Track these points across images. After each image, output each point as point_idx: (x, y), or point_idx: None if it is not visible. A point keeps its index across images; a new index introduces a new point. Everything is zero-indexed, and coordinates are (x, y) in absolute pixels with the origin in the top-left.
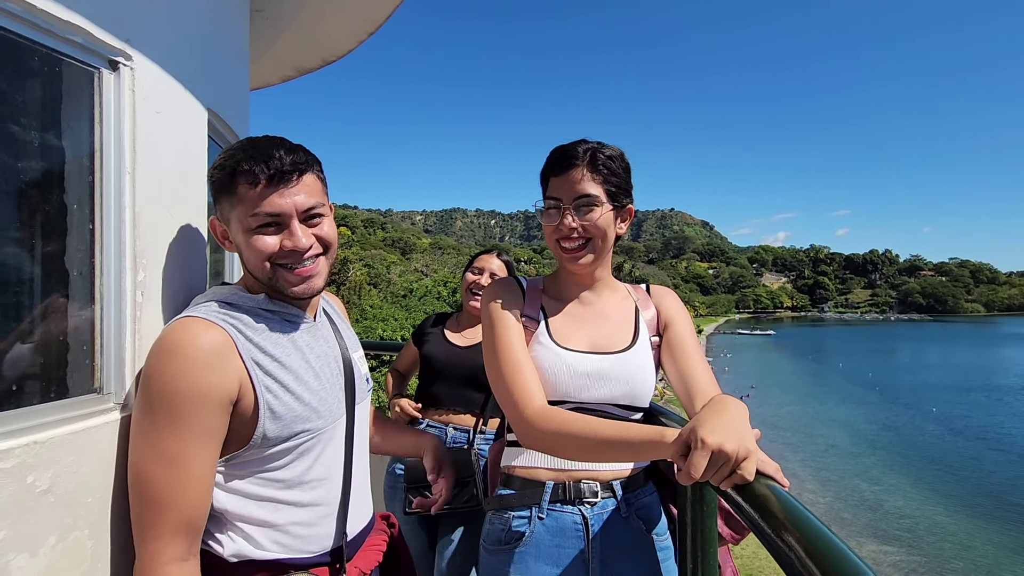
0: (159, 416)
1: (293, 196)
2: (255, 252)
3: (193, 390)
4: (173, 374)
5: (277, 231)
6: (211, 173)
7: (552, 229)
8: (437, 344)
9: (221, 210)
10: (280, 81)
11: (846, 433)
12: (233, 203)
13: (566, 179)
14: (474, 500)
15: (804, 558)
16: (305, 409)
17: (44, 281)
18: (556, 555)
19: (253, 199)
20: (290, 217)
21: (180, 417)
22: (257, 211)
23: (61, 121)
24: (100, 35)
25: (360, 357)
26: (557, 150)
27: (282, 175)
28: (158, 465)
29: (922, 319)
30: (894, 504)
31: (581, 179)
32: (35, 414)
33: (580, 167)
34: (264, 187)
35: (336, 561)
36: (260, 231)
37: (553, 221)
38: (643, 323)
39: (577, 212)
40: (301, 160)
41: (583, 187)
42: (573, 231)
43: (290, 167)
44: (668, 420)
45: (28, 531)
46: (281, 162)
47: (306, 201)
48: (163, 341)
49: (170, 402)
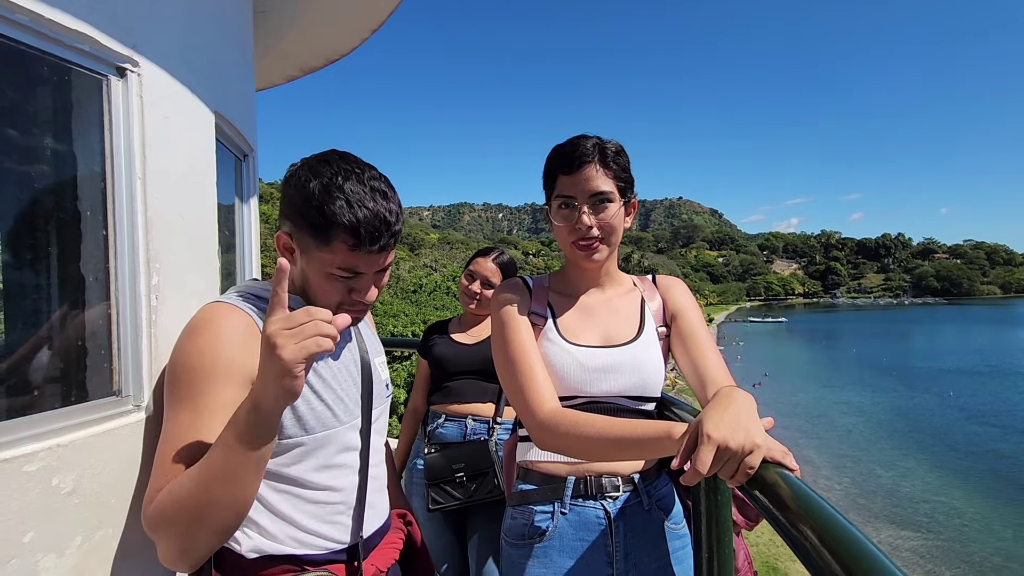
0: (181, 389)
1: (377, 264)
2: (326, 294)
3: (216, 364)
4: (198, 350)
5: (350, 280)
6: (302, 205)
7: (567, 228)
8: (445, 346)
9: (300, 237)
10: (285, 81)
11: (861, 419)
12: (321, 247)
13: (579, 177)
14: (497, 491)
15: (818, 545)
16: (322, 407)
17: (61, 287)
18: (580, 549)
19: (346, 258)
20: (368, 274)
21: (200, 392)
22: (346, 266)
23: (72, 129)
24: (107, 42)
25: (381, 363)
26: (564, 148)
27: (384, 248)
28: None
29: (937, 303)
30: (911, 489)
31: (595, 176)
32: (57, 418)
33: (592, 164)
34: (364, 252)
35: (352, 559)
36: (336, 275)
37: (568, 220)
38: (649, 314)
39: (593, 210)
40: (398, 228)
41: (597, 184)
42: (590, 229)
43: (391, 241)
44: (680, 410)
45: (55, 532)
46: (388, 242)
47: (384, 264)
48: (191, 322)
49: (192, 376)
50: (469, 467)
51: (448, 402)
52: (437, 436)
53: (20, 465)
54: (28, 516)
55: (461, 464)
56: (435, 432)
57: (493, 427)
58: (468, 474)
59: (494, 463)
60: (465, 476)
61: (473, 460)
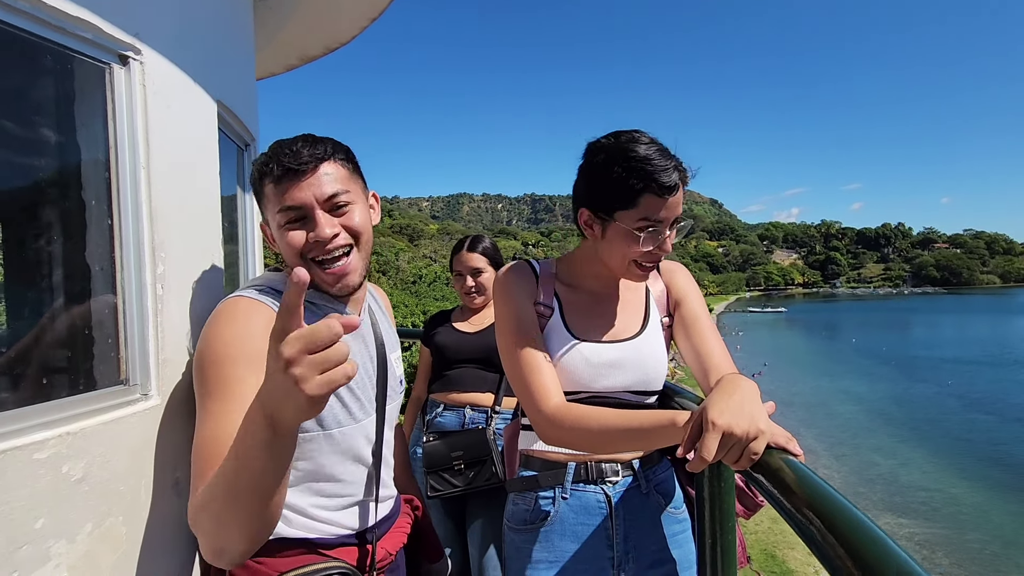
0: (209, 381)
1: (311, 187)
2: (286, 248)
3: (240, 354)
4: (223, 341)
5: (305, 225)
6: (250, 181)
7: (646, 252)
8: (447, 335)
9: (263, 214)
10: (284, 70)
11: (860, 408)
12: (265, 204)
13: (673, 201)
14: (495, 479)
15: (823, 529)
16: (338, 406)
17: (67, 277)
18: (581, 533)
19: (277, 196)
20: (312, 208)
21: (227, 380)
22: (282, 207)
23: (75, 118)
24: (109, 30)
25: (397, 358)
26: (660, 162)
27: (299, 167)
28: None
29: (936, 292)
30: (910, 477)
31: (681, 200)
32: (66, 406)
33: (681, 188)
34: (285, 182)
35: (364, 543)
36: (290, 227)
37: (652, 244)
38: (653, 305)
39: (673, 231)
40: (319, 151)
41: (680, 207)
42: (665, 251)
43: (307, 158)
44: (683, 399)
45: (66, 518)
46: (298, 155)
47: (327, 189)
48: (214, 315)
49: (219, 366)
50: (467, 455)
51: (447, 391)
52: (436, 425)
53: (31, 452)
54: (39, 503)
55: (459, 452)
56: (434, 421)
57: (492, 416)
58: (466, 462)
59: (492, 451)
60: (463, 464)
61: (471, 448)
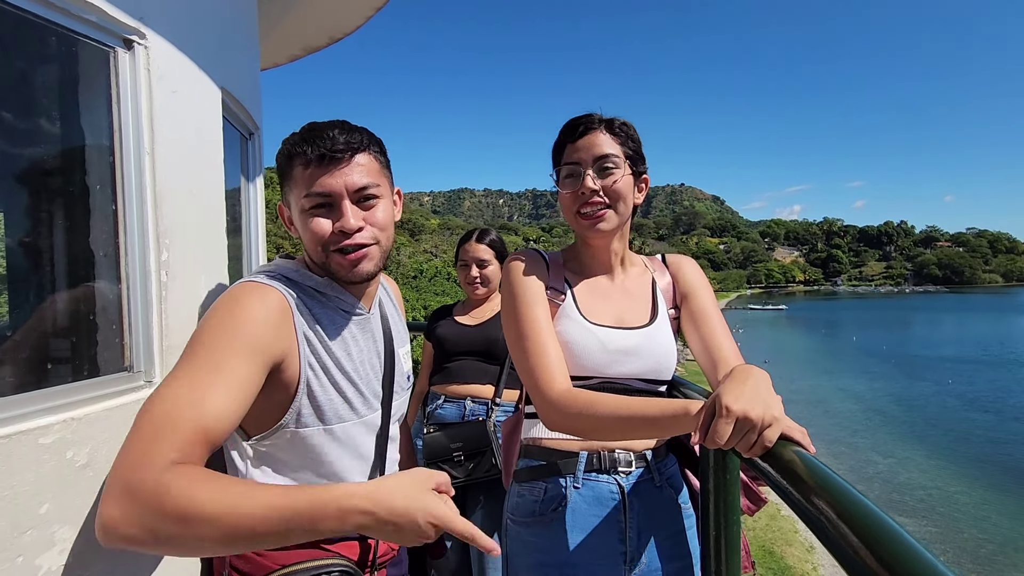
0: (197, 356)
1: (344, 176)
2: (310, 234)
3: (236, 338)
4: (222, 325)
5: (330, 213)
6: (276, 159)
7: (571, 196)
8: (449, 327)
9: (284, 194)
10: (288, 61)
11: (860, 407)
12: (291, 186)
13: (585, 143)
14: (495, 470)
15: (835, 520)
16: (340, 401)
17: (71, 263)
18: (593, 524)
19: (306, 179)
20: (341, 197)
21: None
22: (309, 191)
23: (80, 102)
24: (114, 13)
25: (406, 353)
26: (571, 120)
27: (334, 154)
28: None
29: (938, 291)
30: (908, 476)
31: (601, 140)
32: (70, 392)
33: (598, 130)
34: (316, 167)
35: (365, 537)
36: (314, 212)
37: (573, 187)
38: (660, 296)
39: (599, 174)
40: (355, 140)
41: (602, 148)
42: (594, 193)
43: (343, 146)
44: (690, 392)
45: (70, 503)
46: (333, 142)
47: (358, 181)
48: (219, 299)
49: (211, 346)
50: (467, 446)
51: (448, 383)
52: (436, 417)
53: (36, 437)
54: (44, 487)
55: (459, 443)
56: (434, 413)
57: (492, 408)
58: (466, 453)
59: (492, 443)
60: (463, 455)
61: (471, 440)
